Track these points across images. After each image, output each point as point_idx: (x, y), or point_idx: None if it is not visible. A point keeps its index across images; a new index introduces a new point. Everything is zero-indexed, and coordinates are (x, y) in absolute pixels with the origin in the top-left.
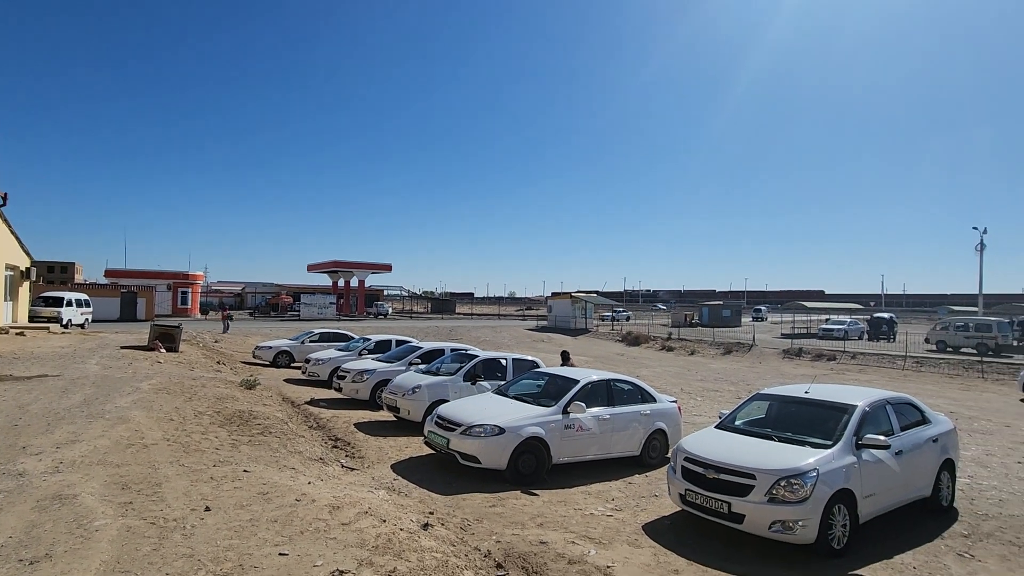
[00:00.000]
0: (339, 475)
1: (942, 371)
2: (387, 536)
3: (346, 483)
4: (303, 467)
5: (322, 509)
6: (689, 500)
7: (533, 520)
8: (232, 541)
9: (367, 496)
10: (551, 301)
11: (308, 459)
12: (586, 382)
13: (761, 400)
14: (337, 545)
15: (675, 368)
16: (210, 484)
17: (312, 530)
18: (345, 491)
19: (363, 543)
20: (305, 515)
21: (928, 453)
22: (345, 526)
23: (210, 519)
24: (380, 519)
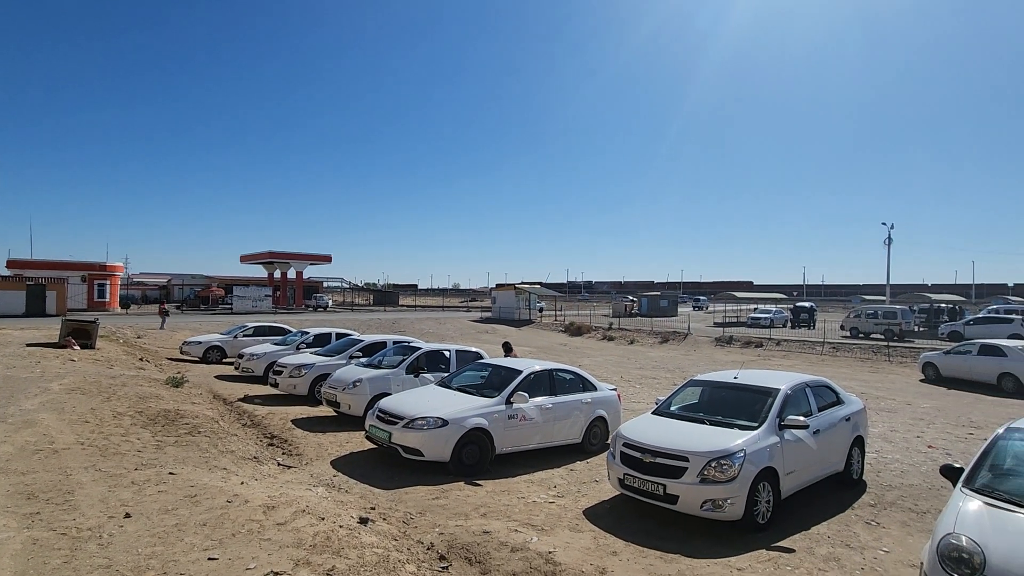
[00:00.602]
0: (275, 474)
1: (855, 355)
2: (325, 534)
3: (283, 482)
4: (236, 467)
5: (256, 510)
6: (627, 484)
7: (476, 510)
8: (156, 548)
9: (305, 494)
10: (495, 293)
11: (241, 458)
12: (528, 372)
13: (694, 386)
14: (272, 546)
15: (615, 357)
16: (131, 489)
17: (245, 532)
18: (281, 490)
19: (300, 542)
20: (237, 517)
21: (841, 431)
22: (281, 526)
23: (130, 526)
24: (318, 517)
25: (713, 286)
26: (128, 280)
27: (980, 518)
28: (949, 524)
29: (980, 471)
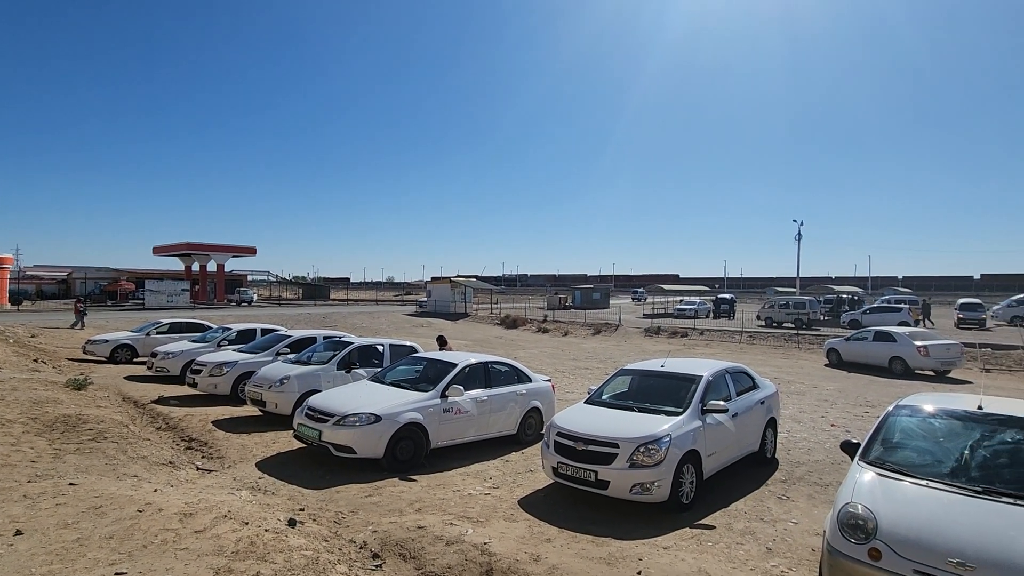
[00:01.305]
0: (194, 479)
1: (769, 343)
2: (249, 539)
3: (202, 487)
4: (148, 474)
5: (171, 518)
6: (561, 472)
7: (411, 506)
8: (53, 567)
9: (227, 499)
10: (430, 286)
11: (155, 464)
12: (464, 365)
13: (624, 375)
14: (189, 556)
15: (550, 349)
16: (22, 504)
17: (158, 543)
18: (200, 496)
19: (221, 550)
20: (150, 527)
21: (757, 414)
22: (199, 534)
23: (22, 544)
24: (242, 522)
25: (643, 279)
26: (20, 273)
27: (873, 487)
28: (847, 494)
29: (874, 445)
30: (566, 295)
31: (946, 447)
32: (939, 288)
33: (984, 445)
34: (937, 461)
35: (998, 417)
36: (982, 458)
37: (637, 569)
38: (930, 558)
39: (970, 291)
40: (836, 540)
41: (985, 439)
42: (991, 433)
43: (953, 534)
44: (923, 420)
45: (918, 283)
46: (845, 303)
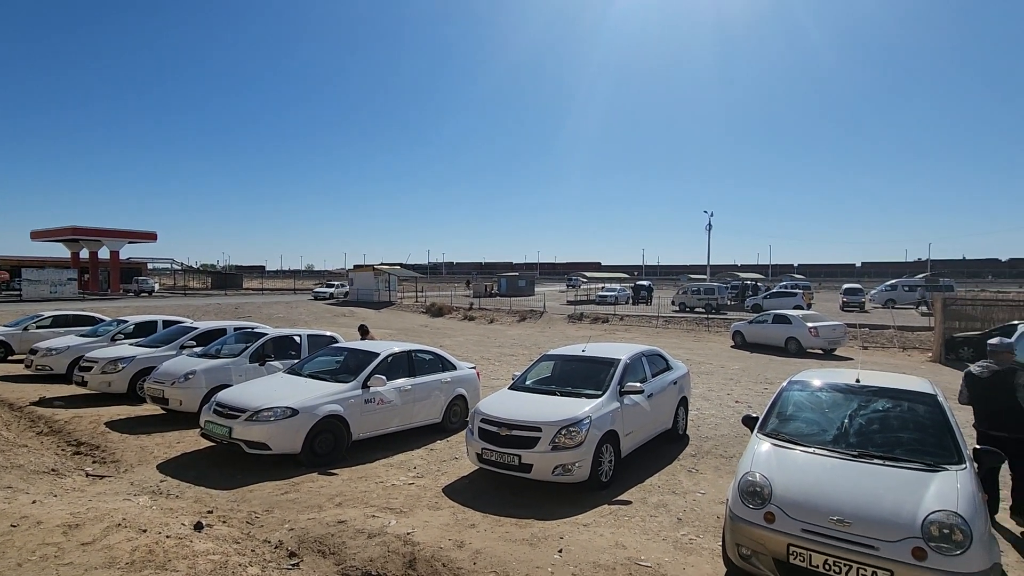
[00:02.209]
0: (82, 487)
1: (682, 327)
2: (148, 548)
3: (92, 495)
4: (25, 484)
5: (52, 531)
6: (485, 458)
7: (331, 500)
8: None
9: (121, 506)
10: (353, 274)
11: (33, 473)
12: (386, 355)
13: (547, 360)
14: (74, 571)
15: (476, 336)
16: None
17: (37, 559)
18: (90, 504)
19: (113, 561)
20: (26, 542)
21: (670, 394)
22: (87, 546)
23: None
24: (139, 529)
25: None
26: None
27: (769, 457)
28: (747, 464)
29: (770, 418)
30: (492, 283)
31: (830, 417)
32: (827, 275)
33: (860, 414)
34: (822, 430)
35: (872, 388)
36: (859, 425)
37: (558, 547)
38: (815, 517)
39: (853, 277)
40: (737, 507)
41: (861, 408)
42: (866, 403)
43: (834, 495)
44: (811, 394)
45: (810, 270)
46: (749, 289)
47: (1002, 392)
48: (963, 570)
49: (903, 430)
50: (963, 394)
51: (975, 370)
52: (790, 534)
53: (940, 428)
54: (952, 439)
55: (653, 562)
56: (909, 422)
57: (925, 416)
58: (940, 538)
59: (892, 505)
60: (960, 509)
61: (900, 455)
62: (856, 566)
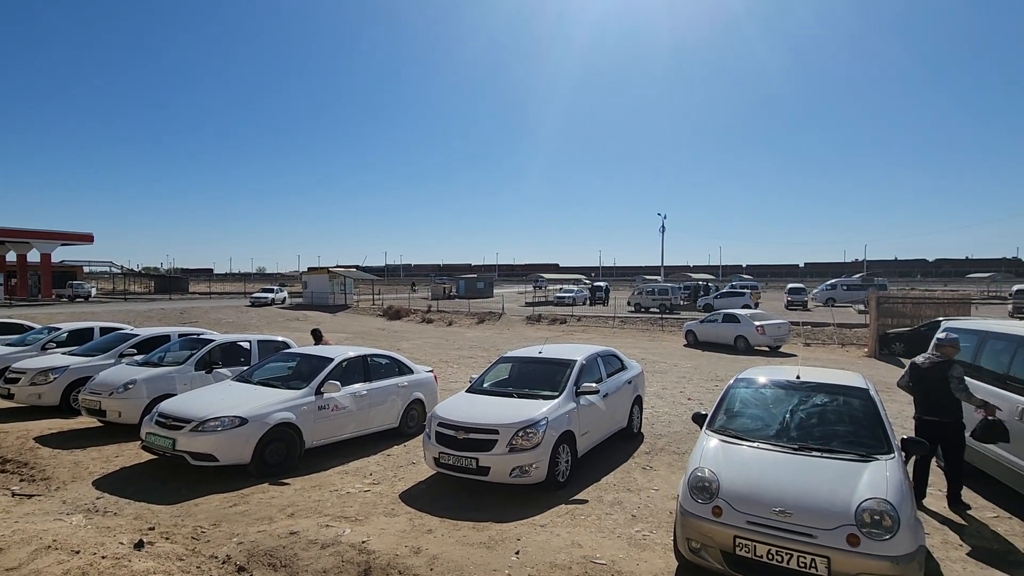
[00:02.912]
0: (7, 507)
1: (638, 327)
2: (81, 570)
3: (18, 516)
4: None
5: None
6: (443, 462)
7: (283, 511)
8: None
9: (52, 526)
10: (307, 277)
11: None
12: (340, 360)
13: (504, 363)
14: None
15: (434, 339)
16: None
17: None
18: (16, 526)
19: None
20: None
21: (625, 393)
22: (12, 571)
23: None
24: (71, 551)
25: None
26: None
27: (717, 452)
28: (696, 460)
29: (718, 415)
30: (450, 285)
31: (773, 412)
32: (773, 275)
33: (801, 409)
34: (766, 425)
35: (810, 384)
36: (799, 420)
37: (515, 549)
38: (759, 509)
39: (796, 277)
40: (686, 502)
41: (801, 404)
42: (806, 398)
43: (776, 487)
44: (755, 391)
45: (758, 271)
46: (701, 289)
47: (939, 381)
48: (891, 553)
49: (839, 423)
50: (903, 378)
51: (919, 360)
52: (736, 526)
53: (872, 420)
54: (883, 430)
55: (608, 559)
56: (844, 415)
57: (859, 409)
58: (871, 524)
59: (828, 495)
60: (889, 496)
61: (836, 447)
62: (796, 554)
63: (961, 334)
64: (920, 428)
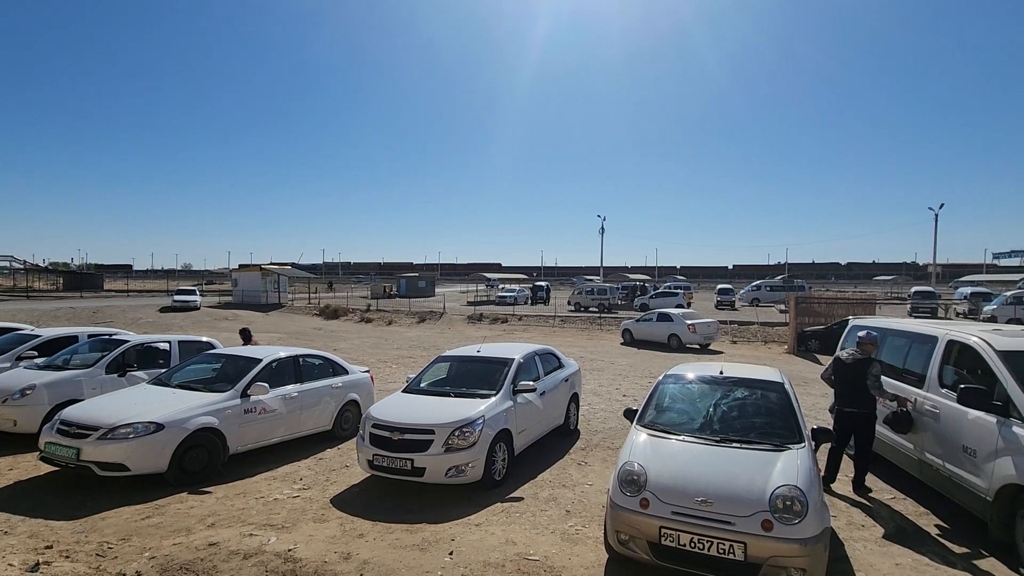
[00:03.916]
0: None
1: (577, 326)
2: None
3: None
4: None
5: None
6: (377, 464)
7: (202, 522)
8: None
9: None
10: (237, 274)
11: None
12: (269, 360)
13: (442, 362)
14: None
15: (373, 339)
16: None
17: None
18: None
19: None
20: None
21: (562, 391)
22: None
23: None
24: None
25: (467, 267)
26: None
27: (645, 447)
28: (626, 455)
29: (648, 410)
30: (391, 284)
31: (697, 406)
32: (705, 276)
33: (722, 403)
34: (691, 419)
35: (732, 379)
36: (721, 413)
37: (449, 550)
38: (683, 500)
39: (726, 279)
40: (616, 495)
41: (723, 398)
42: (728, 393)
43: (699, 478)
44: (682, 386)
45: (691, 272)
46: (638, 289)
47: (859, 376)
48: (800, 536)
49: (757, 416)
50: (827, 372)
51: (843, 356)
52: (662, 517)
53: (786, 413)
54: (795, 422)
55: (541, 555)
56: (762, 408)
57: (775, 402)
58: (784, 510)
59: (746, 483)
60: (799, 483)
61: (754, 438)
62: (716, 541)
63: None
64: (839, 419)
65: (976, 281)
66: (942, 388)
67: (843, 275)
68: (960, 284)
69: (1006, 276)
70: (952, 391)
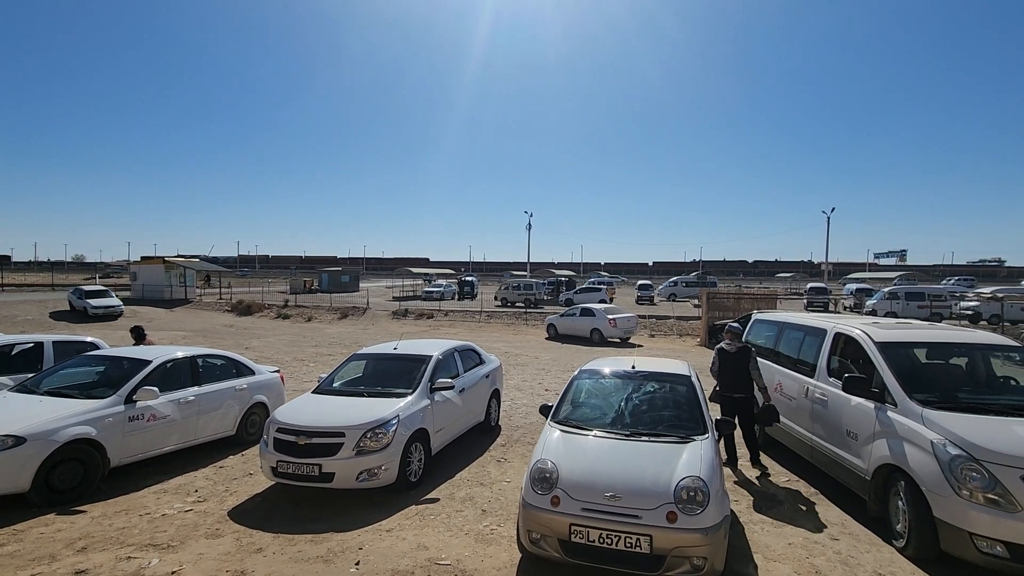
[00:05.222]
0: None
1: (503, 321)
2: None
3: None
4: None
5: None
6: (281, 471)
7: (71, 546)
8: None
9: None
10: (137, 267)
11: None
12: (161, 362)
13: (357, 360)
14: None
15: (290, 336)
16: None
17: None
18: None
19: None
20: None
21: (483, 387)
22: None
23: None
24: None
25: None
26: None
27: (558, 444)
28: (539, 452)
29: (563, 406)
30: (312, 278)
31: (610, 401)
32: (627, 272)
33: (634, 396)
34: (603, 414)
35: (643, 373)
36: (632, 407)
37: (356, 560)
38: (592, 496)
39: (646, 275)
40: (528, 494)
41: (635, 392)
42: (639, 387)
43: (608, 473)
44: (596, 381)
45: (614, 268)
46: (563, 285)
47: (741, 364)
48: (702, 525)
49: (665, 408)
50: (714, 365)
51: (726, 347)
52: (572, 514)
53: (692, 405)
54: (701, 413)
55: (452, 559)
56: (670, 401)
57: (682, 395)
58: (687, 500)
59: (652, 476)
60: (702, 473)
61: (662, 431)
62: (624, 535)
63: (766, 324)
64: (725, 404)
65: (860, 278)
66: (830, 377)
67: (750, 272)
68: (848, 281)
69: (884, 274)
70: (838, 379)
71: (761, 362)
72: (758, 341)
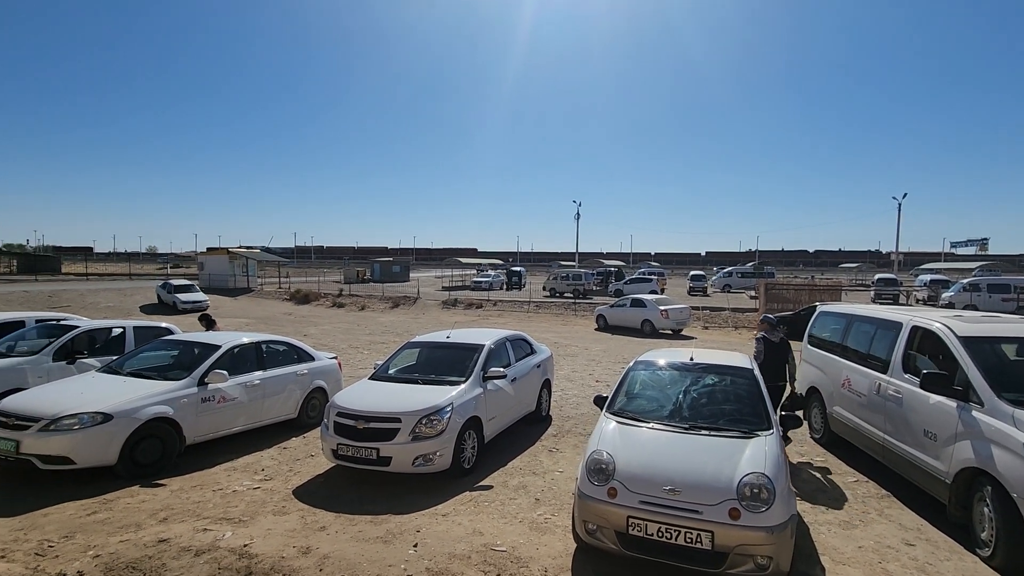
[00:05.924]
0: None
1: (552, 311)
2: None
3: None
4: None
5: None
6: (341, 454)
7: (154, 517)
8: None
9: None
10: (204, 258)
11: None
12: (230, 346)
13: (411, 348)
14: None
15: (345, 324)
16: None
17: None
18: None
19: None
20: None
21: (534, 377)
22: None
23: None
24: None
25: (442, 252)
26: None
27: (614, 435)
28: (595, 443)
29: (618, 397)
30: (364, 268)
31: (667, 393)
32: (679, 262)
33: (692, 389)
34: (660, 406)
35: (702, 366)
36: (691, 400)
37: (414, 542)
38: (651, 489)
39: (699, 265)
40: (584, 484)
41: (693, 384)
42: (697, 379)
43: (667, 466)
44: (652, 372)
45: (665, 258)
46: (612, 275)
47: (783, 355)
48: (767, 524)
49: (726, 402)
50: (758, 353)
51: (773, 338)
52: (630, 507)
53: (755, 399)
54: (764, 408)
55: (508, 546)
56: (731, 394)
57: (744, 389)
58: (751, 497)
59: (714, 471)
60: (767, 470)
61: (723, 425)
62: (684, 530)
63: (832, 317)
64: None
65: (935, 269)
66: (905, 373)
67: (811, 262)
68: (920, 272)
69: (962, 264)
70: (915, 376)
71: (827, 356)
72: (823, 335)
